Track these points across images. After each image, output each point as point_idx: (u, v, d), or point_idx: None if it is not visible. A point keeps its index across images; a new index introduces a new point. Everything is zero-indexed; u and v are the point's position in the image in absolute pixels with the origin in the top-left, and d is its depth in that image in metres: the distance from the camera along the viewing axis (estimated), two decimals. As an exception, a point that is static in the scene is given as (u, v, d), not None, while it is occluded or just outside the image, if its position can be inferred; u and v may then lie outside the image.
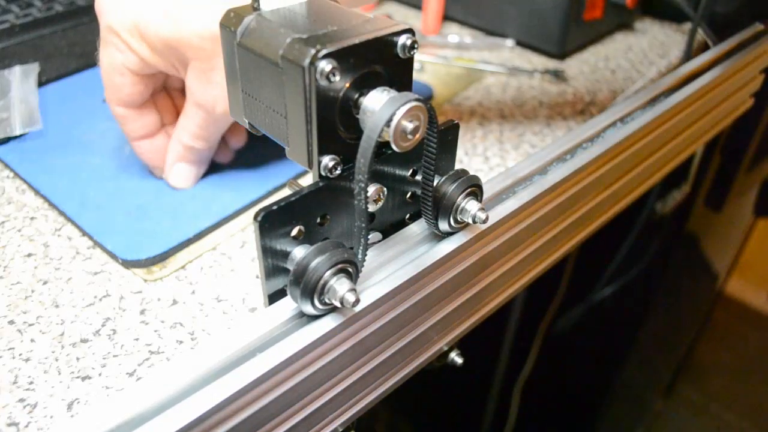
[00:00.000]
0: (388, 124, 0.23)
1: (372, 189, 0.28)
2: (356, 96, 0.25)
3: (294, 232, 0.26)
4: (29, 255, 0.41)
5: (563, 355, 0.99)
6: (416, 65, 0.65)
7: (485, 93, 0.62)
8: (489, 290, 0.35)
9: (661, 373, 1.44)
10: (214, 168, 0.48)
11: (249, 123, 0.28)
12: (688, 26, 0.76)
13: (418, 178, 0.29)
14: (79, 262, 0.40)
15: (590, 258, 0.83)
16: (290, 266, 0.26)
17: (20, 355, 0.34)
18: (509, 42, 0.70)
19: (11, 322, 0.36)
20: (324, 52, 0.23)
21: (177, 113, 0.45)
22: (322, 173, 0.25)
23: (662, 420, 1.52)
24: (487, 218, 0.28)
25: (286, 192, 0.27)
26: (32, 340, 0.35)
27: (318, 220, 0.27)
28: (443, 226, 0.29)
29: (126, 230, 0.42)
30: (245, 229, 0.43)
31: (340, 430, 0.31)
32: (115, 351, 0.35)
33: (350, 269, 0.25)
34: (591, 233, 0.43)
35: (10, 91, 0.54)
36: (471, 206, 0.29)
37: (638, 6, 0.74)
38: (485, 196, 0.31)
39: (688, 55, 0.62)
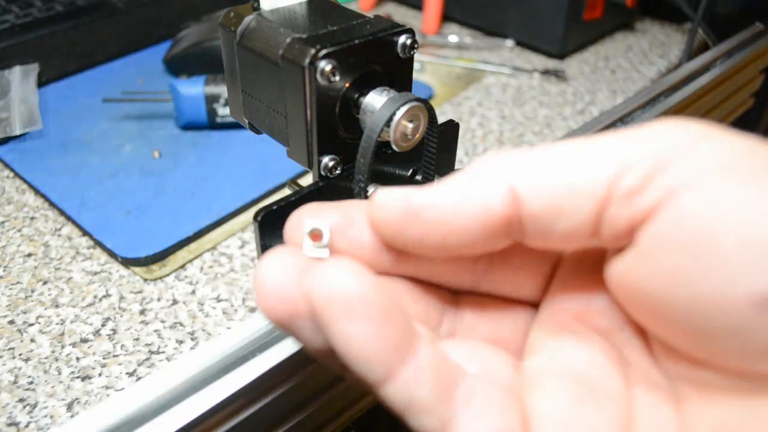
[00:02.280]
0: (388, 124, 0.23)
1: (372, 189, 0.28)
2: (356, 96, 0.25)
3: (294, 232, 0.26)
4: (29, 255, 0.41)
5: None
6: (416, 65, 0.65)
7: (485, 93, 0.62)
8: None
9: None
10: (213, 167, 0.48)
11: (249, 123, 0.28)
12: (688, 26, 0.76)
13: (418, 178, 0.29)
14: (79, 261, 0.40)
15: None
16: (290, 266, 0.26)
17: (20, 355, 0.34)
18: (509, 42, 0.70)
19: (11, 322, 0.36)
20: (324, 51, 0.23)
21: None
22: (322, 173, 0.25)
23: None
24: (487, 218, 0.28)
25: (286, 192, 0.27)
26: (32, 340, 0.35)
27: (318, 220, 0.27)
28: (443, 226, 0.29)
29: (125, 229, 0.42)
30: (245, 228, 0.43)
31: (339, 430, 0.31)
32: (115, 351, 0.35)
33: (350, 269, 0.25)
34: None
35: (10, 91, 0.54)
36: (471, 206, 0.28)
37: (638, 6, 0.74)
38: (485, 196, 0.31)
39: (688, 55, 0.62)
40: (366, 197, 0.24)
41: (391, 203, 0.17)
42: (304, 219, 0.18)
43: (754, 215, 0.14)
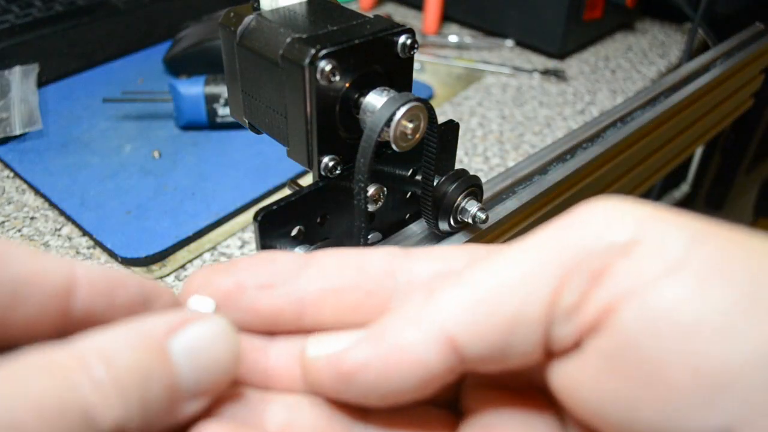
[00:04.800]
0: (388, 123, 0.23)
1: (372, 189, 0.28)
2: (356, 96, 0.25)
3: (294, 232, 0.26)
4: (29, 255, 0.41)
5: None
6: (416, 65, 0.65)
7: (485, 93, 0.62)
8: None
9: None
10: (213, 167, 0.48)
11: (249, 123, 0.28)
12: (688, 26, 0.76)
13: (418, 178, 0.29)
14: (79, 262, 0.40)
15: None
16: (290, 266, 0.26)
17: (20, 354, 0.34)
18: (509, 42, 0.70)
19: (11, 322, 0.36)
20: (324, 51, 0.23)
21: None
22: (322, 173, 0.25)
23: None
24: (487, 218, 0.28)
25: (286, 192, 0.27)
26: (32, 340, 0.35)
27: (318, 220, 0.27)
28: (443, 226, 0.29)
29: (125, 229, 0.42)
30: (245, 228, 0.43)
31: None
32: (115, 351, 0.35)
33: (350, 269, 0.25)
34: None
35: (10, 91, 0.54)
36: (471, 206, 0.29)
37: (638, 6, 0.74)
38: (485, 196, 0.31)
39: (688, 55, 0.62)
40: (366, 198, 0.24)
41: (322, 366, 0.16)
42: (189, 298, 0.17)
43: (703, 338, 0.12)
